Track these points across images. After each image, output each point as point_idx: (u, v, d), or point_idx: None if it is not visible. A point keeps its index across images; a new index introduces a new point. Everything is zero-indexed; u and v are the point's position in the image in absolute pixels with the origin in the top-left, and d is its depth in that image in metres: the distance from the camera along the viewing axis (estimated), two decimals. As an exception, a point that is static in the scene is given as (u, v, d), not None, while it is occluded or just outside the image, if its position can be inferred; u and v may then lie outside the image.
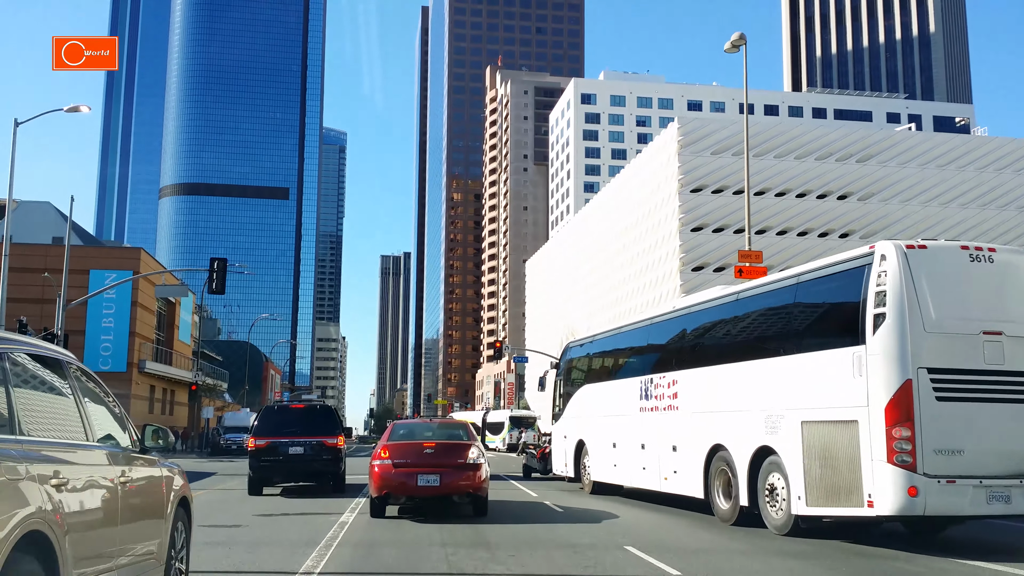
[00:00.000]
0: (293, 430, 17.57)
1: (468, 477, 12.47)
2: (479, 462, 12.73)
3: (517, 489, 20.22)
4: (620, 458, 16.22)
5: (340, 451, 17.70)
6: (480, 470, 12.66)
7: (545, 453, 23.62)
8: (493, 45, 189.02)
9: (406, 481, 12.34)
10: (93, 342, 49.16)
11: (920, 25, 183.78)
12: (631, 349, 16.44)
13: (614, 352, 17.36)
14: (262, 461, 17.28)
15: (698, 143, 56.73)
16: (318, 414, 18.49)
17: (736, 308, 12.44)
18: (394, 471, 12.43)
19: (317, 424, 17.89)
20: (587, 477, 18.22)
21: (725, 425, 12.30)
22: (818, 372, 10.24)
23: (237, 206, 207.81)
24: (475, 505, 12.89)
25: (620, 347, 17.05)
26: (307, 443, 17.36)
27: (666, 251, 57.96)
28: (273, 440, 17.35)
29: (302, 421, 18.09)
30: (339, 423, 18.36)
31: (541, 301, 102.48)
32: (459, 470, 12.47)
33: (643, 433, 15.12)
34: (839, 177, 57.71)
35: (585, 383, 18.51)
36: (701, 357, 13.31)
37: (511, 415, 59.26)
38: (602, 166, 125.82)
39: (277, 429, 17.67)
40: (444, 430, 14.30)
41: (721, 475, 12.47)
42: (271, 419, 18.39)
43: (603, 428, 17.21)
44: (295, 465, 17.39)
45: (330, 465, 17.45)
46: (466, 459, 12.61)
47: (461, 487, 12.47)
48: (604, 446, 17.11)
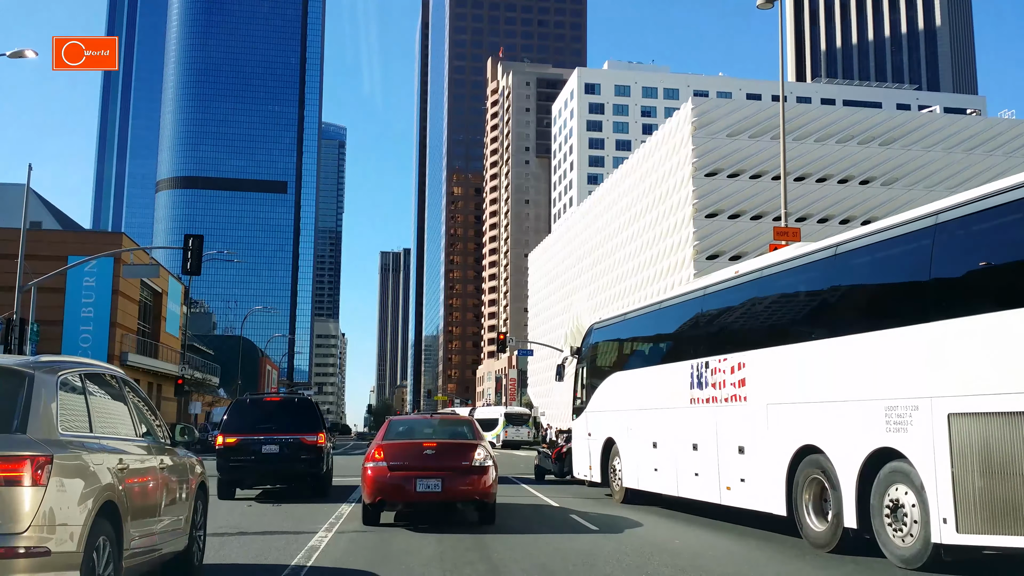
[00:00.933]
0: (267, 426, 15.56)
1: (474, 482, 11.02)
2: (486, 464, 11.22)
3: (529, 494, 17.27)
4: (663, 461, 13.26)
5: (321, 450, 15.58)
6: (488, 474, 11.16)
7: (562, 453, 20.68)
8: (494, 37, 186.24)
9: (403, 486, 10.90)
10: (71, 333, 46.14)
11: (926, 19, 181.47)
12: (677, 328, 13.47)
13: (654, 332, 14.36)
14: (231, 461, 15.27)
15: (713, 125, 53.72)
16: (296, 408, 16.45)
17: (834, 266, 9.46)
18: (389, 475, 10.97)
19: (295, 419, 15.82)
20: (617, 483, 15.26)
21: (820, 420, 9.33)
22: (980, 344, 7.26)
23: (235, 200, 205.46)
24: (481, 512, 11.41)
25: (662, 326, 14.07)
26: (283, 441, 15.27)
27: (679, 239, 54.95)
28: (244, 437, 15.29)
29: (278, 416, 16.01)
30: (320, 418, 16.20)
31: (544, 295, 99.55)
32: (464, 473, 11.02)
33: (696, 431, 12.16)
34: (861, 161, 54.73)
35: (615, 370, 15.52)
36: (782, 332, 10.34)
37: (506, 412, 57.45)
38: (606, 157, 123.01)
39: (249, 425, 15.63)
40: (446, 427, 12.79)
41: (812, 486, 9.52)
42: (242, 414, 16.21)
43: (639, 424, 14.25)
44: (269, 466, 15.36)
45: (310, 466, 15.43)
46: (471, 461, 11.15)
47: (466, 493, 11.07)
48: (640, 446, 14.15)
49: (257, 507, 14.23)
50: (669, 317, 13.72)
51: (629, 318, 15.39)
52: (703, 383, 11.97)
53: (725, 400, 11.35)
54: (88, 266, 46.29)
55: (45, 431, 4.84)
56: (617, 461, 15.28)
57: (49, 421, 4.92)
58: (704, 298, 12.44)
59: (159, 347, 54.97)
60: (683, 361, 12.62)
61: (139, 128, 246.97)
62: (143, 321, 53.86)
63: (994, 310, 7.17)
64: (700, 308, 12.52)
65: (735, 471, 11.02)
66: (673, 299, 13.69)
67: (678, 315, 13.36)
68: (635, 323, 15.13)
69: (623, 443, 14.94)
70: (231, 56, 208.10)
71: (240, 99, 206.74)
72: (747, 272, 11.29)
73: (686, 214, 53.79)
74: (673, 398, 12.91)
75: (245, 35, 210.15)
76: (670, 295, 13.98)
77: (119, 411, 6.14)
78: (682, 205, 54.53)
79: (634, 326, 15.18)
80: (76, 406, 5.36)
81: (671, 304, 13.68)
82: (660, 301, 14.25)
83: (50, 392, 5.04)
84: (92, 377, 5.86)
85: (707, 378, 11.86)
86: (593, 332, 17.10)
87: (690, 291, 13.00)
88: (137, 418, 6.40)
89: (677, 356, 12.99)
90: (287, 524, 11.75)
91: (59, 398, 5.10)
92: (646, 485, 13.99)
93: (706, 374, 11.89)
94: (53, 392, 5.07)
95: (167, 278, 58.37)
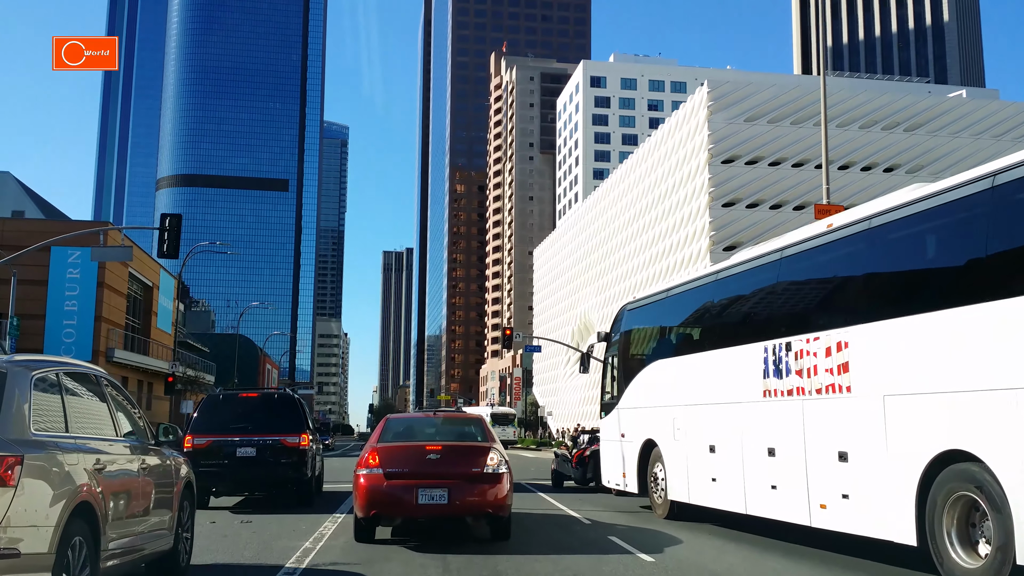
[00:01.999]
0: (243, 426, 13.82)
1: (487, 492, 9.28)
2: (501, 471, 9.46)
3: (549, 505, 14.74)
4: (724, 470, 10.69)
5: (305, 453, 13.82)
6: (503, 482, 9.42)
7: (585, 457, 18.17)
8: (497, 33, 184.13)
9: (402, 498, 9.16)
10: (54, 328, 43.62)
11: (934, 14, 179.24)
12: (744, 302, 10.91)
13: (708, 310, 11.75)
14: (201, 466, 12.85)
15: (731, 108, 51.06)
16: (276, 405, 14.69)
17: (1005, 199, 6.84)
18: (386, 484, 9.22)
19: (275, 418, 14.08)
20: (659, 494, 12.67)
21: (973, 416, 6.76)
22: None
23: (235, 198, 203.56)
24: (494, 527, 9.71)
25: (719, 302, 11.48)
26: (261, 443, 13.59)
27: (694, 229, 52.27)
28: (216, 439, 13.59)
29: (255, 415, 14.19)
30: (303, 416, 14.42)
31: (549, 291, 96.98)
32: (475, 482, 9.30)
33: (772, 432, 9.59)
34: (885, 148, 52.05)
35: (656, 358, 12.91)
36: (913, 297, 7.75)
37: (492, 412, 55.17)
38: (612, 152, 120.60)
39: (222, 425, 13.90)
40: (453, 427, 11.12)
41: (958, 505, 6.96)
42: (215, 412, 14.33)
43: (690, 423, 11.67)
44: (245, 472, 13.61)
45: (291, 471, 13.70)
46: (483, 467, 9.39)
47: (477, 505, 9.33)
48: (692, 450, 11.58)
49: (223, 522, 11.70)
50: (730, 290, 11.16)
51: (674, 295, 12.75)
52: (783, 370, 9.38)
53: (817, 391, 8.76)
54: (72, 256, 43.89)
55: (16, 431, 4.82)
56: (659, 468, 12.69)
57: (21, 420, 4.90)
58: (783, 262, 9.84)
59: (149, 343, 52.44)
60: (753, 343, 10.03)
61: (140, 127, 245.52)
62: (133, 316, 51.34)
63: None
64: (777, 275, 9.93)
65: (834, 485, 8.43)
66: (735, 267, 11.07)
67: (744, 286, 10.79)
68: (682, 300, 12.50)
69: (668, 446, 12.36)
70: (232, 54, 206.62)
71: (241, 97, 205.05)
72: (850, 223, 8.68)
73: (702, 203, 51.11)
74: (738, 390, 10.34)
75: (246, 33, 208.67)
76: (729, 263, 11.36)
77: (99, 411, 6.15)
78: (697, 194, 51.86)
79: (680, 304, 12.55)
80: (52, 406, 5.34)
81: (733, 274, 11.07)
82: (716, 271, 11.61)
83: (23, 391, 5.04)
84: (72, 376, 5.89)
85: (789, 363, 9.27)
86: (626, 315, 14.46)
87: (761, 255, 10.39)
88: (119, 418, 6.38)
89: (744, 337, 10.41)
90: (250, 550, 9.18)
91: (33, 397, 5.09)
92: (700, 498, 11.41)
93: (787, 359, 9.30)
94: (27, 391, 5.06)
95: (158, 271, 55.85)
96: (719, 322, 11.44)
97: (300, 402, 14.89)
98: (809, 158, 50.94)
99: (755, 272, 10.43)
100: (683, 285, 12.55)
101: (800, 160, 50.30)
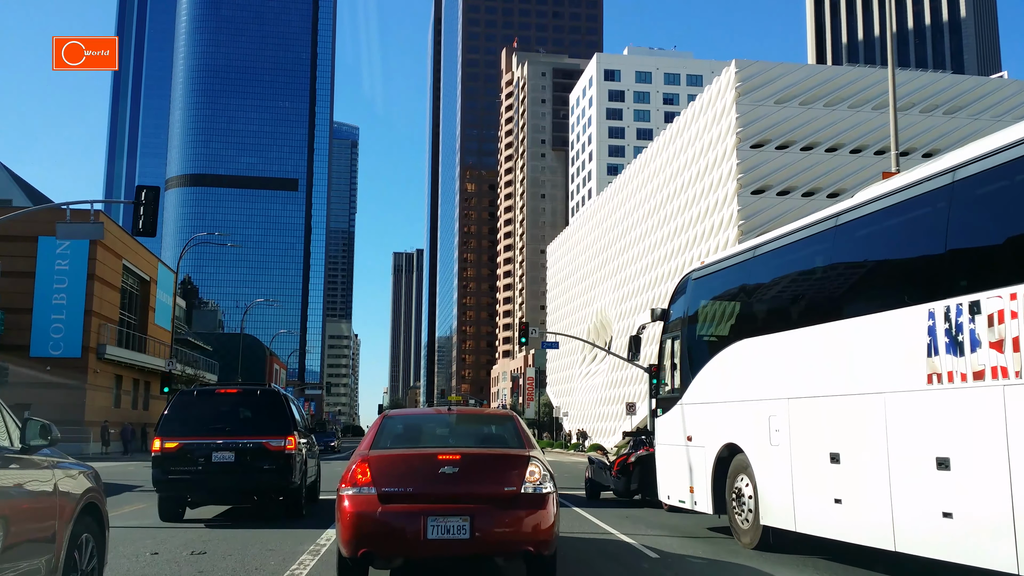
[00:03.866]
0: (220, 427, 12.08)
1: (527, 521, 6.43)
2: (545, 490, 6.59)
3: (593, 527, 11.81)
4: (855, 486, 7.72)
5: (291, 458, 12.04)
6: (548, 507, 6.56)
7: (628, 464, 15.38)
8: (508, 30, 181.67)
9: (404, 530, 6.32)
10: (42, 322, 41.06)
11: (951, 11, 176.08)
12: (889, 247, 7.93)
13: (826, 267, 8.70)
14: (171, 473, 11.78)
15: (759, 90, 47.95)
16: (259, 403, 12.66)
17: None
18: (381, 511, 6.38)
19: (257, 418, 12.33)
20: (746, 516, 9.68)
21: None
22: None
23: (244, 197, 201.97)
24: (533, 569, 6.78)
25: (844, 253, 8.46)
26: (240, 446, 11.88)
27: (720, 218, 49.15)
28: (188, 441, 11.91)
29: (235, 414, 12.44)
30: (290, 416, 12.54)
31: (563, 289, 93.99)
32: (509, 508, 6.46)
33: (944, 432, 6.65)
34: (924, 132, 48.82)
35: (741, 336, 9.90)
36: None
37: None
38: (627, 147, 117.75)
39: (197, 425, 12.13)
40: (473, 427, 8.26)
41: None
42: (188, 410, 12.46)
43: (798, 422, 8.69)
44: (222, 479, 11.89)
45: (275, 478, 11.97)
46: (520, 485, 6.54)
47: (513, 541, 6.46)
48: (802, 459, 8.60)
49: (169, 553, 8.81)
50: (864, 235, 8.16)
51: (769, 251, 9.69)
52: (964, 343, 6.40)
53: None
54: (61, 247, 41.23)
55: None
56: (745, 483, 9.70)
57: None
58: (955, 188, 6.87)
59: (146, 340, 49.84)
60: (908, 307, 7.06)
61: (149, 127, 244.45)
62: (129, 312, 48.73)
63: None
64: (949, 203, 6.93)
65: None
66: (870, 203, 8.04)
67: (888, 227, 7.80)
68: (781, 258, 9.46)
69: (760, 453, 9.36)
70: (241, 53, 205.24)
71: (250, 96, 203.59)
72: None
73: (729, 191, 48.00)
74: (883, 375, 7.36)
75: (255, 32, 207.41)
76: (855, 201, 8.33)
77: None
78: (724, 181, 48.74)
79: (779, 263, 9.51)
80: None
81: (868, 212, 8.04)
82: (837, 213, 8.55)
83: None
84: None
85: (976, 333, 6.29)
86: (692, 285, 11.44)
87: (915, 182, 7.39)
88: None
89: (889, 300, 7.43)
90: None
91: None
92: (812, 525, 8.42)
93: (973, 326, 6.32)
94: None
95: (156, 265, 53.25)
96: (846, 282, 8.41)
97: (287, 399, 13.01)
98: (844, 142, 47.83)
99: (908, 205, 7.44)
100: (782, 238, 9.49)
101: (834, 145, 47.19)
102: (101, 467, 8.40)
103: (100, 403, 42.78)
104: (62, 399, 39.23)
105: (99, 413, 42.29)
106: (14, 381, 34.47)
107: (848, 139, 48.25)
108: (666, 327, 12.06)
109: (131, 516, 12.66)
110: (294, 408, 13.25)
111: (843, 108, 48.09)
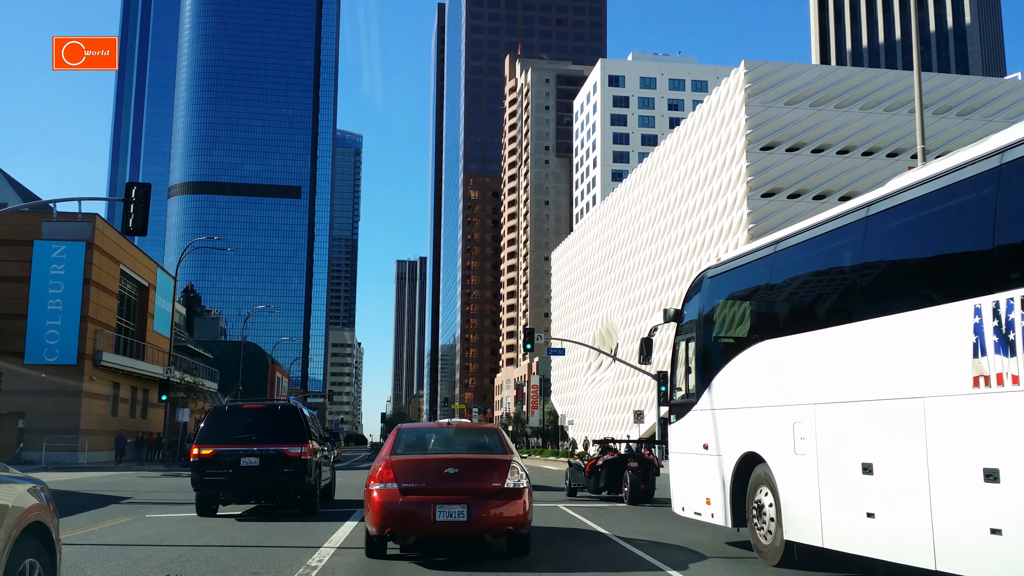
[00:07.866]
0: (247, 436, 14.46)
1: (507, 508, 8.84)
2: (522, 486, 8.99)
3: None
4: (890, 499, 6.91)
5: (307, 463, 14.35)
6: (523, 497, 8.98)
7: (597, 466, 18.76)
8: (511, 36, 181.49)
9: (419, 514, 8.72)
10: (37, 328, 40.33)
11: (955, 17, 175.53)
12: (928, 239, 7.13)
13: (857, 262, 7.89)
14: (207, 475, 14.16)
15: (769, 92, 47.19)
16: (279, 416, 15.03)
17: None
18: (402, 500, 8.79)
19: (278, 429, 14.60)
20: (767, 529, 8.87)
21: None
22: None
23: (248, 205, 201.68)
24: (512, 543, 9.31)
25: (878, 245, 7.66)
26: (263, 453, 14.18)
27: (730, 222, 48.34)
28: (221, 449, 14.20)
29: (259, 425, 14.79)
30: (306, 427, 14.83)
31: (567, 296, 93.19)
32: (495, 498, 8.84)
33: (993, 441, 5.85)
34: (938, 133, 47.99)
35: (763, 337, 9.10)
36: None
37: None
38: (631, 153, 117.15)
39: (227, 435, 14.50)
40: (469, 438, 10.50)
41: None
42: (219, 422, 14.92)
43: (825, 430, 7.88)
44: (248, 481, 14.27)
45: (293, 480, 14.24)
46: (503, 482, 8.92)
47: (498, 523, 8.86)
48: (831, 469, 7.79)
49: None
50: (898, 225, 7.38)
51: (792, 245, 8.89)
52: (1013, 343, 5.62)
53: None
54: (56, 251, 40.63)
55: None
56: (765, 495, 8.90)
57: None
58: (1003, 171, 6.10)
59: (144, 347, 49.10)
60: (950, 303, 6.28)
61: (152, 133, 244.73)
62: (127, 318, 48.03)
63: None
64: (995, 191, 6.16)
65: None
66: (906, 192, 7.26)
67: (924, 217, 7.02)
68: (807, 253, 8.66)
69: (783, 463, 8.56)
70: (244, 60, 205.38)
71: (253, 103, 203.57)
72: None
73: (739, 194, 47.20)
74: (922, 378, 6.56)
75: (258, 39, 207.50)
76: (889, 189, 7.57)
77: None
78: (734, 184, 47.94)
79: (804, 258, 8.71)
80: None
81: (903, 202, 7.24)
82: (868, 203, 7.77)
83: None
84: None
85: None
86: (708, 283, 10.65)
87: (957, 166, 6.63)
88: None
89: (928, 296, 6.65)
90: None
91: None
92: (842, 541, 7.62)
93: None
94: None
95: (155, 271, 52.58)
96: (878, 277, 7.62)
97: (304, 413, 15.17)
98: (855, 144, 47.03)
99: (949, 192, 6.66)
100: (807, 231, 8.69)
101: (846, 147, 46.42)
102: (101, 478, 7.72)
103: (97, 412, 42.04)
104: (57, 407, 38.53)
105: (96, 423, 41.53)
106: (8, 389, 33.71)
107: (860, 141, 47.47)
108: (680, 328, 11.27)
109: (105, 534, 11.92)
110: (310, 421, 15.36)
111: (855, 110, 47.33)
